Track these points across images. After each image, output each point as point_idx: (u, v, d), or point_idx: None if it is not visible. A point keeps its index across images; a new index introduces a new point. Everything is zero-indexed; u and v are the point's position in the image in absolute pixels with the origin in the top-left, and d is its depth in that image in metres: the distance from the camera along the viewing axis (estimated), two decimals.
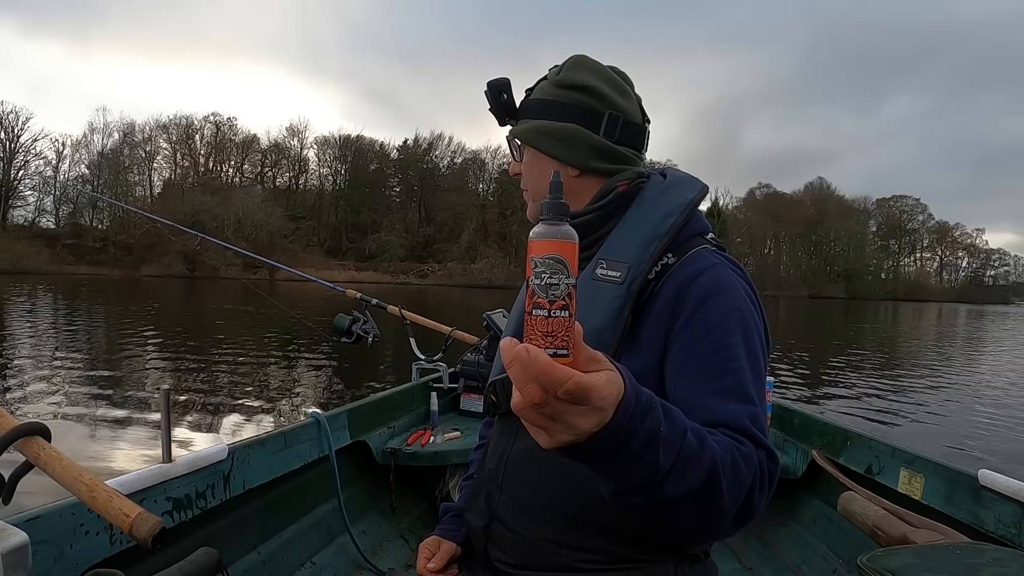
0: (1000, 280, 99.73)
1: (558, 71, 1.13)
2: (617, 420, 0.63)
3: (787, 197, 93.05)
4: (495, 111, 1.16)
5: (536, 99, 1.14)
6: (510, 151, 1.20)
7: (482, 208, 77.75)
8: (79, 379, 8.24)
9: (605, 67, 1.14)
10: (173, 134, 72.12)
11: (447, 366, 3.29)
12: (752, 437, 0.88)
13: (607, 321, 0.99)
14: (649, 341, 0.99)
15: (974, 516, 1.76)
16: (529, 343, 0.59)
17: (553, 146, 1.11)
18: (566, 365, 0.58)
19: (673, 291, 0.98)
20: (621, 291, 1.00)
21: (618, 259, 1.03)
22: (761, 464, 0.86)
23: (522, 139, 1.14)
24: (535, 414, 0.60)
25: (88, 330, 14.62)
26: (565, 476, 1.00)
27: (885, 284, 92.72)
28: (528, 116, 1.14)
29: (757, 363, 0.96)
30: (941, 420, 8.17)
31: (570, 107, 1.10)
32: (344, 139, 77.67)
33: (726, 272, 1.00)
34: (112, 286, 37.11)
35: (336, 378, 9.24)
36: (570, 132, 1.10)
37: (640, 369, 0.96)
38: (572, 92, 1.11)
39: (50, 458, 1.09)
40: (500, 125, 1.19)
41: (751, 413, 0.90)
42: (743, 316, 0.97)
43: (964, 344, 21.26)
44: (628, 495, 0.74)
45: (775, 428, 2.71)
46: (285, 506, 2.10)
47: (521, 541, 1.06)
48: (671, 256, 1.02)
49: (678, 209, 1.05)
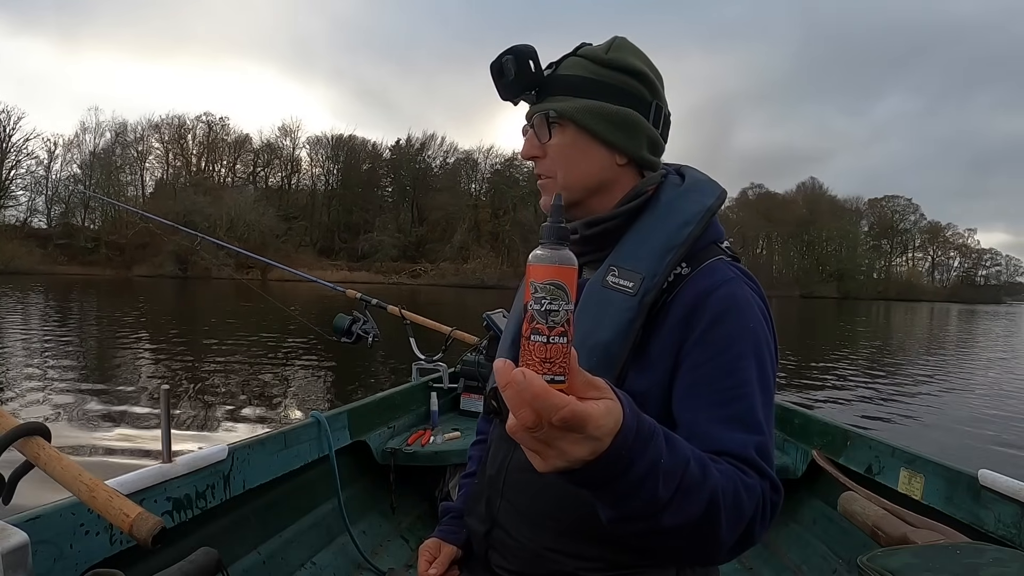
0: (992, 280, 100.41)
1: (605, 49, 1.04)
2: (614, 450, 0.63)
3: (779, 197, 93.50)
4: (515, 82, 1.03)
5: (576, 76, 1.03)
6: (532, 129, 1.07)
7: (475, 208, 77.77)
8: (77, 379, 8.19)
9: (646, 55, 1.07)
10: (165, 134, 72.03)
11: (447, 366, 3.28)
12: (757, 468, 0.86)
13: (616, 334, 0.96)
14: (658, 357, 0.95)
15: (974, 516, 1.76)
16: (525, 367, 0.59)
17: (609, 130, 1.02)
18: (562, 391, 0.58)
19: (686, 305, 0.95)
20: (633, 303, 0.96)
21: (631, 268, 0.98)
22: (764, 495, 0.85)
23: (572, 117, 1.01)
24: (529, 438, 0.60)
25: (84, 330, 14.54)
26: (565, 484, 1.00)
27: (877, 284, 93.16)
28: (564, 93, 1.03)
29: (768, 386, 0.94)
30: (939, 419, 8.21)
31: (624, 91, 1.03)
32: (336, 139, 77.71)
33: (741, 288, 0.97)
34: (105, 286, 36.92)
35: (336, 378, 9.20)
36: (630, 117, 1.02)
37: (647, 387, 0.95)
38: (624, 75, 1.03)
39: (50, 458, 1.08)
40: (510, 99, 1.06)
41: (758, 443, 0.88)
42: (756, 337, 0.94)
43: (958, 343, 21.36)
44: (625, 522, 0.73)
45: (775, 428, 2.70)
46: (285, 506, 2.09)
47: (522, 548, 1.05)
48: (685, 266, 0.99)
49: (696, 217, 1.00)
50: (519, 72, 1.01)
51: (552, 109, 1.02)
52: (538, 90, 1.04)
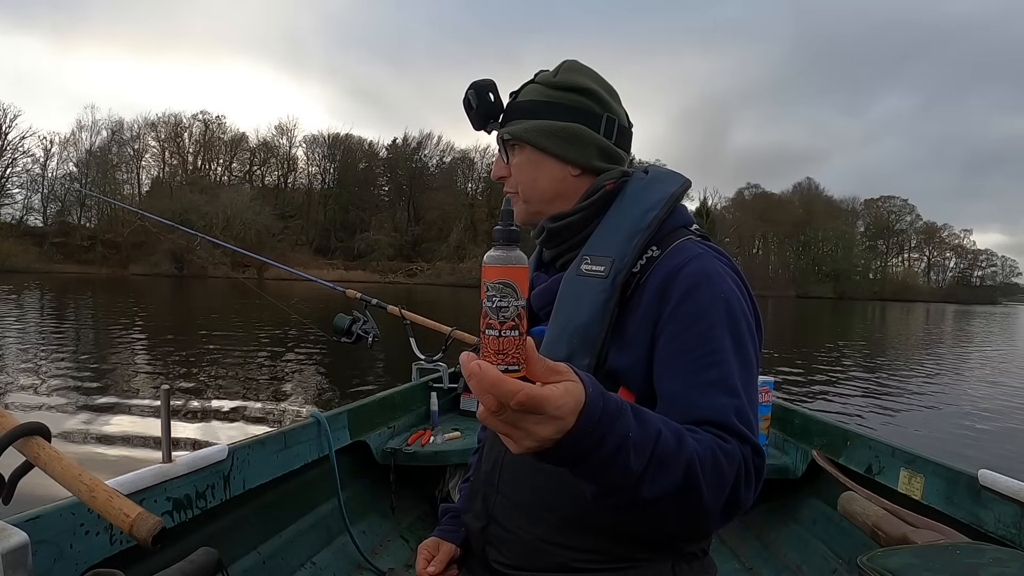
0: (987, 280, 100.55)
1: (554, 73, 1.13)
2: (580, 427, 0.68)
3: (775, 197, 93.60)
4: (479, 113, 1.14)
5: (530, 100, 1.13)
6: (500, 152, 1.17)
7: (471, 207, 77.75)
8: (76, 379, 8.17)
9: (596, 73, 1.16)
10: (162, 132, 72.04)
11: (447, 366, 3.28)
12: (736, 432, 0.89)
13: (593, 316, 1.01)
14: (637, 336, 0.99)
15: (974, 516, 1.76)
16: (483, 359, 0.65)
17: (558, 144, 1.10)
18: (518, 379, 0.64)
19: (658, 283, 0.99)
20: (606, 284, 1.01)
21: (602, 254, 1.04)
22: (746, 460, 0.88)
23: (523, 137, 1.11)
24: (497, 422, 0.66)
25: (82, 330, 14.54)
26: (560, 477, 1.00)
27: (873, 284, 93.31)
28: (520, 117, 1.13)
29: (744, 352, 0.96)
30: (939, 419, 8.23)
31: (571, 108, 1.11)
32: (333, 138, 77.78)
33: (711, 261, 1.00)
34: (101, 285, 36.84)
35: (336, 378, 9.19)
36: (576, 131, 1.10)
37: (628, 365, 0.99)
38: (571, 94, 1.11)
39: (50, 458, 1.07)
40: (479, 128, 1.17)
41: (735, 407, 0.91)
42: (729, 304, 0.97)
43: (953, 343, 21.42)
44: (607, 496, 0.79)
45: (775, 428, 2.71)
46: (285, 506, 2.09)
47: (518, 542, 1.07)
48: (655, 249, 1.03)
49: (660, 203, 1.06)
50: (479, 104, 1.13)
51: (507, 132, 1.13)
52: (502, 117, 1.15)
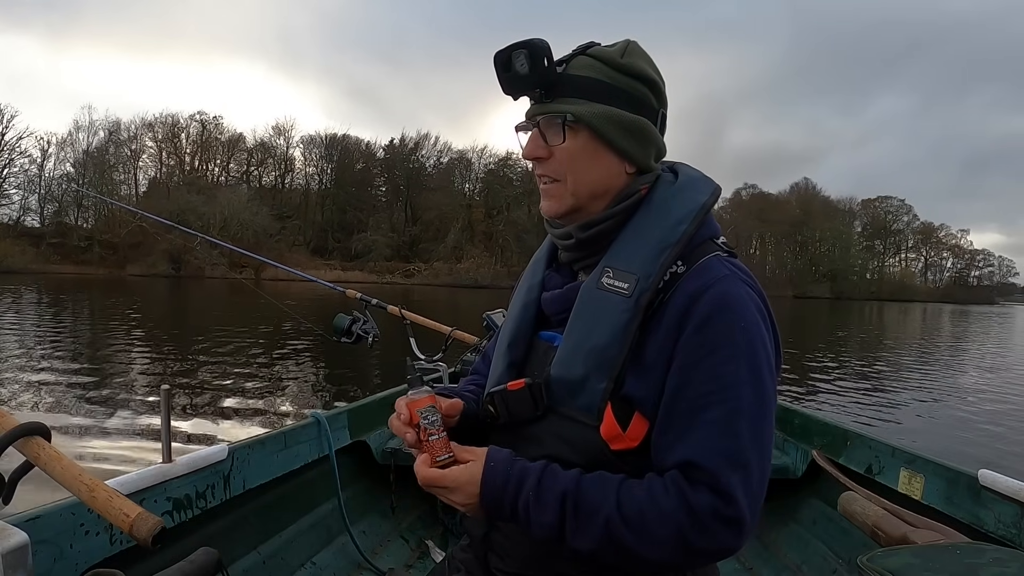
0: (985, 280, 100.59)
1: (619, 53, 1.00)
2: (486, 494, 0.94)
3: (773, 197, 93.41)
4: (524, 78, 0.98)
5: (590, 78, 0.99)
6: (538, 128, 1.02)
7: (468, 208, 77.63)
8: (75, 379, 8.17)
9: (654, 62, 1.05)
10: (159, 132, 71.62)
11: (447, 366, 3.28)
12: (708, 478, 0.87)
13: (613, 337, 0.95)
14: (655, 362, 0.94)
15: (974, 516, 1.76)
16: (425, 453, 0.98)
17: (624, 138, 1.00)
18: (451, 463, 0.97)
19: (680, 306, 0.94)
20: (629, 304, 0.95)
21: (625, 269, 0.97)
22: (704, 510, 0.86)
23: (590, 122, 0.98)
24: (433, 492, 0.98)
25: (80, 330, 14.54)
26: None
27: (870, 284, 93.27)
28: (576, 95, 0.99)
29: (761, 387, 0.91)
30: (939, 418, 8.24)
31: (636, 99, 1.00)
32: (330, 138, 77.38)
33: (735, 285, 0.95)
34: (98, 285, 36.75)
35: (336, 378, 9.21)
36: (644, 127, 1.01)
37: (645, 393, 0.94)
38: (638, 82, 1.00)
39: (50, 458, 1.07)
40: (517, 94, 1.02)
41: (725, 450, 0.88)
42: (749, 336, 0.92)
43: (952, 342, 21.45)
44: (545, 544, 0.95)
45: (775, 428, 2.70)
46: (285, 506, 2.09)
47: (520, 550, 1.06)
48: (681, 264, 0.97)
49: (691, 215, 0.99)
50: (532, 68, 0.97)
51: (569, 112, 0.98)
52: (546, 88, 1.00)
